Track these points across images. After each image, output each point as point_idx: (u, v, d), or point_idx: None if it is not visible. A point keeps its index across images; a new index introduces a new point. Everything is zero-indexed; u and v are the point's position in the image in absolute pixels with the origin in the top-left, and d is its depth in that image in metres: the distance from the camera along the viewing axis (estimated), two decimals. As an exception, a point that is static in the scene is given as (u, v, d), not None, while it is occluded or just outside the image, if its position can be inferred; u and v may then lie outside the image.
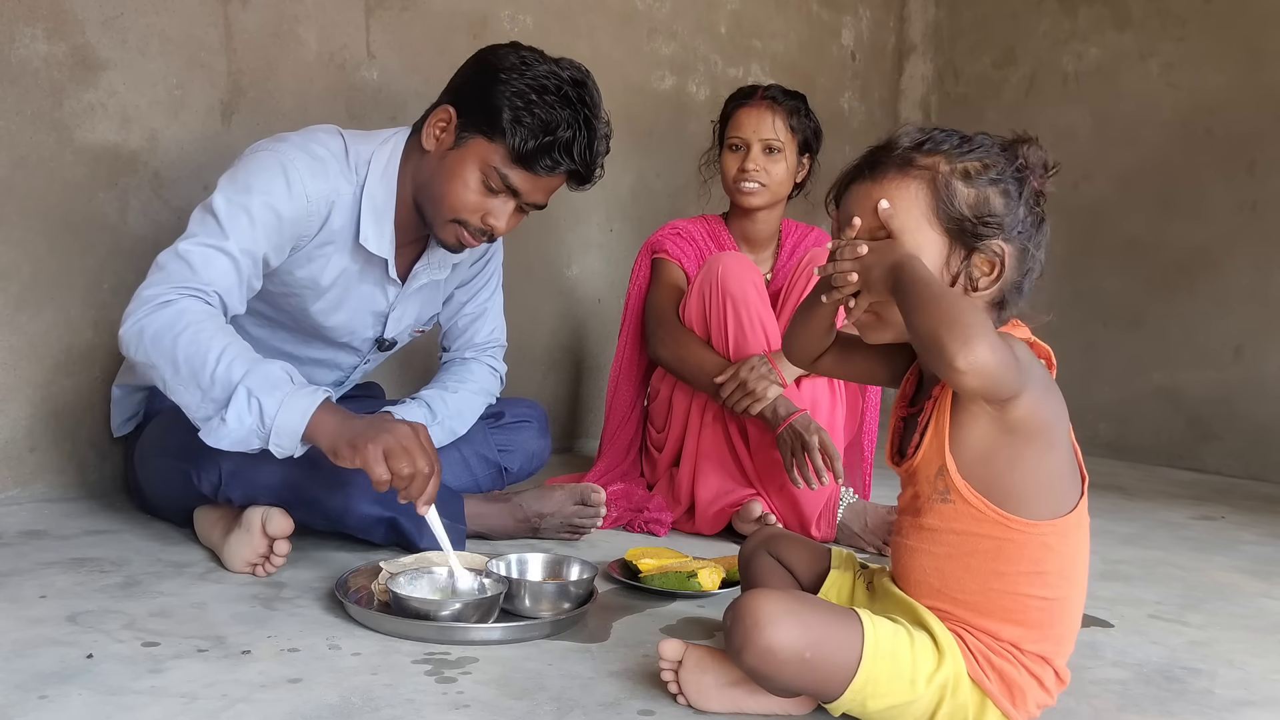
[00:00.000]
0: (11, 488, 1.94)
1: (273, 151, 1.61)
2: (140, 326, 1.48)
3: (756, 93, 2.22)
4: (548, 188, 1.68)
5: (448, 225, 1.68)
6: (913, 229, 1.10)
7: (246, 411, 1.43)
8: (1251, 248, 3.19)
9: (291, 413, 1.43)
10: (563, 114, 1.60)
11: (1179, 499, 2.76)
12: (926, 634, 1.09)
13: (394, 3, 2.42)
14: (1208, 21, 3.29)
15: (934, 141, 1.13)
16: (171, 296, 1.49)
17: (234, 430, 1.44)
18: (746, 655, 1.06)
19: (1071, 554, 1.09)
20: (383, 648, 1.30)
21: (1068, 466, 1.10)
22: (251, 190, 1.57)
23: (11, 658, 1.20)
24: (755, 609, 1.05)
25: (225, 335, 1.47)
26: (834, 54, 3.71)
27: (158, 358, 1.47)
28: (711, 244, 2.30)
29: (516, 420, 2.04)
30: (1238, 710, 1.27)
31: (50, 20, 1.91)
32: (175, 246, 1.54)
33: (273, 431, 1.43)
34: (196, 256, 1.53)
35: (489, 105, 1.60)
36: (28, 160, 1.90)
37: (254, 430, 1.44)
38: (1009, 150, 1.13)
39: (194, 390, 1.45)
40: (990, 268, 1.11)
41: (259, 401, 1.43)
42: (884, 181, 1.13)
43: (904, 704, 1.07)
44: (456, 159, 1.64)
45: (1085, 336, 3.45)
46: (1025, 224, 1.11)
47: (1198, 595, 1.80)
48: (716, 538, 2.05)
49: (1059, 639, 1.10)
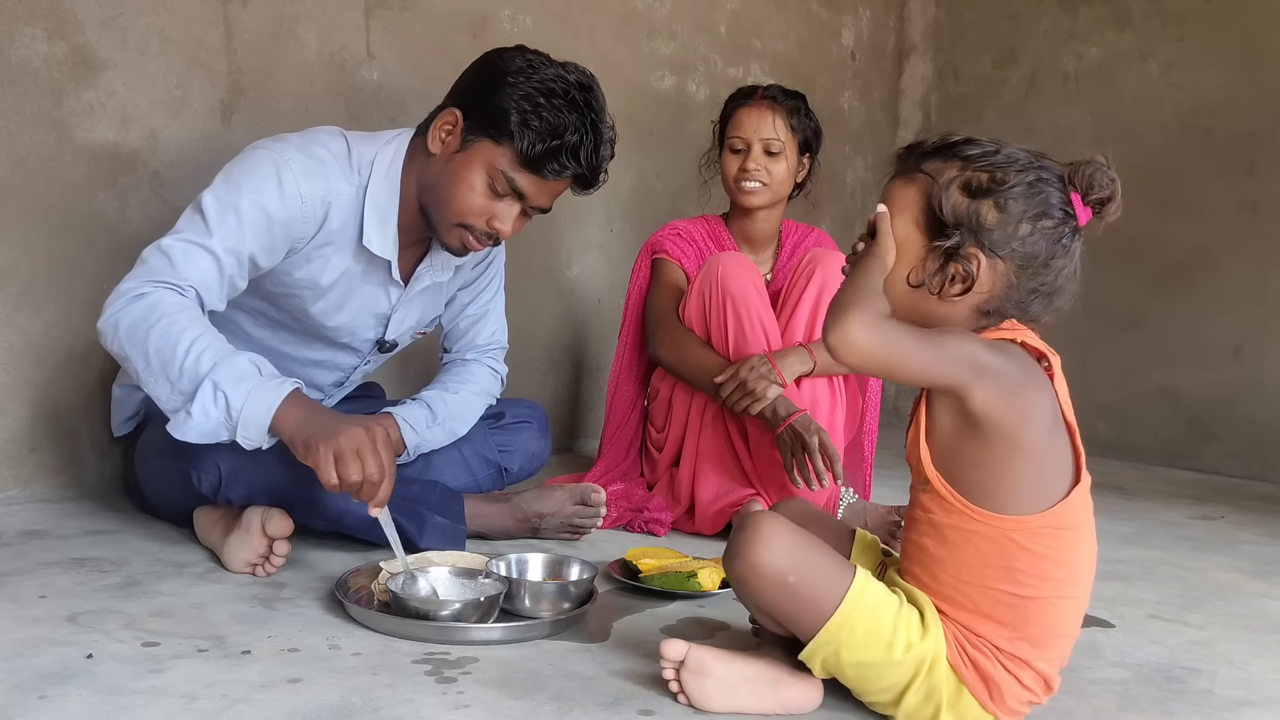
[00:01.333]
0: (11, 488, 1.93)
1: (269, 151, 1.61)
2: (116, 319, 1.49)
3: (757, 93, 2.22)
4: (553, 191, 1.68)
5: (453, 229, 1.67)
6: (900, 230, 1.13)
7: (212, 405, 1.44)
8: (1251, 248, 3.19)
9: (257, 406, 1.44)
10: (570, 118, 1.60)
11: (1179, 499, 2.76)
12: (918, 613, 1.11)
13: (394, 3, 2.42)
14: (1208, 21, 3.29)
15: (955, 148, 1.13)
16: (147, 290, 1.49)
17: (200, 423, 1.44)
18: (735, 564, 1.11)
19: (1048, 555, 1.09)
20: (383, 648, 1.30)
21: (1049, 463, 1.10)
22: (242, 189, 1.57)
23: (11, 658, 1.20)
24: (757, 525, 1.11)
25: (196, 327, 1.47)
26: (834, 54, 3.71)
27: (131, 349, 1.47)
28: (711, 244, 2.30)
29: (517, 421, 2.04)
30: (1238, 710, 1.27)
31: (50, 20, 1.90)
32: (159, 242, 1.55)
33: (239, 424, 1.44)
34: (178, 252, 1.53)
35: (496, 109, 1.60)
36: (28, 160, 1.90)
37: (221, 423, 1.45)
38: (1039, 167, 1.12)
39: (164, 382, 1.46)
40: (963, 278, 1.11)
41: (225, 395, 1.43)
42: (895, 182, 1.16)
43: (878, 664, 1.09)
44: (462, 162, 1.64)
45: (1085, 336, 3.46)
46: (1027, 242, 1.10)
47: (1198, 595, 1.80)
48: (716, 538, 2.05)
49: (1037, 640, 1.10)
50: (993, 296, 1.12)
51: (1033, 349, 1.12)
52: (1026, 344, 1.12)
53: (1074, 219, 1.13)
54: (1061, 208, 1.12)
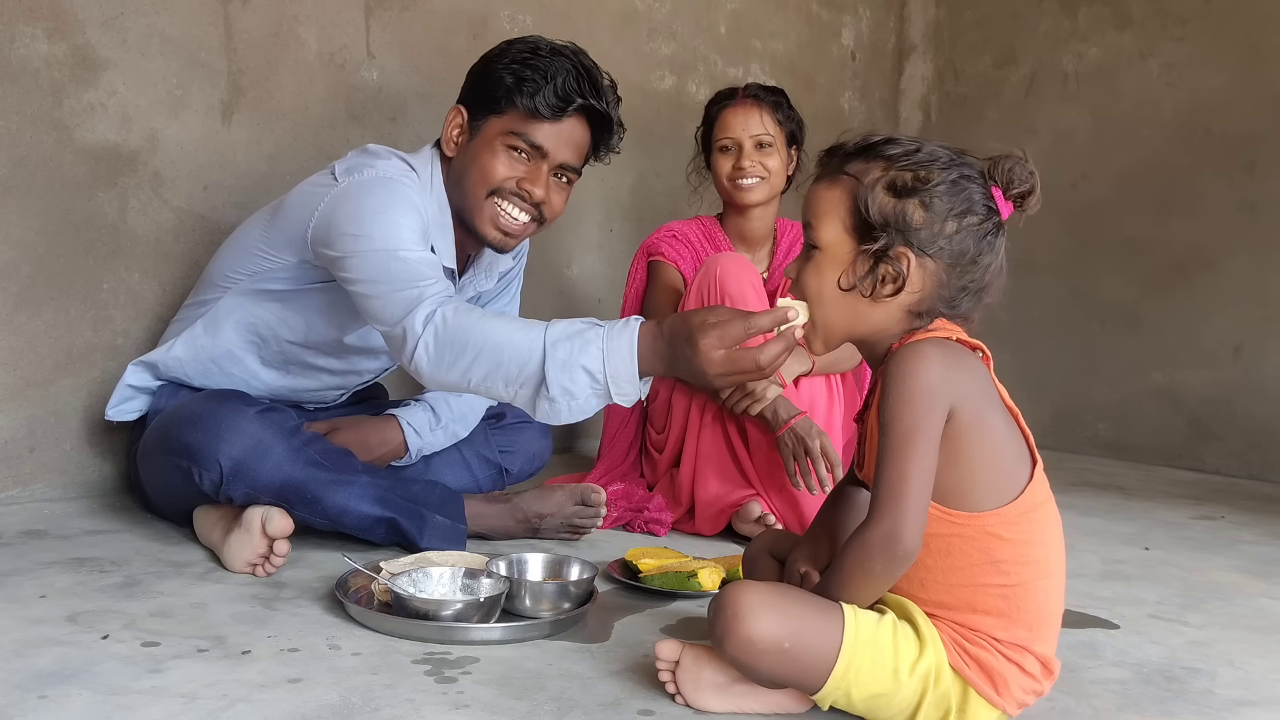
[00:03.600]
0: (11, 488, 1.94)
1: (375, 169, 1.62)
2: (428, 365, 1.46)
3: (738, 93, 2.26)
4: (571, 139, 1.69)
5: (484, 206, 1.69)
6: (829, 234, 1.15)
7: (572, 383, 1.38)
8: (1250, 248, 3.19)
9: (618, 361, 1.37)
10: (559, 62, 1.66)
11: (1179, 499, 2.76)
12: (910, 626, 1.11)
13: (394, 3, 2.42)
14: (1208, 21, 3.29)
15: (876, 149, 1.14)
16: (435, 316, 1.46)
17: (565, 407, 1.40)
18: (728, 645, 1.08)
19: (1025, 539, 1.09)
20: (383, 648, 1.30)
21: (1009, 451, 1.11)
22: (389, 212, 1.56)
23: (11, 658, 1.20)
24: (736, 600, 1.08)
25: (498, 327, 1.42)
26: (834, 54, 3.71)
27: (454, 383, 1.46)
28: (707, 245, 2.30)
29: (517, 421, 2.04)
30: (1238, 710, 1.27)
31: (50, 20, 1.91)
32: (379, 289, 1.51)
33: (609, 385, 1.38)
34: (398, 271, 1.50)
35: (490, 84, 1.66)
36: (28, 160, 1.90)
37: (591, 392, 1.39)
38: (960, 164, 1.13)
39: (504, 390, 1.42)
40: (894, 278, 1.12)
41: (581, 367, 1.37)
42: (819, 185, 1.17)
43: (888, 694, 1.08)
44: (478, 145, 1.69)
45: (1085, 336, 3.46)
46: (954, 240, 1.11)
47: (1198, 595, 1.80)
48: (716, 538, 2.05)
49: (1031, 624, 1.10)
50: (924, 296, 1.13)
51: (966, 344, 1.13)
52: (961, 340, 1.13)
53: (997, 214, 1.14)
54: (984, 203, 1.13)
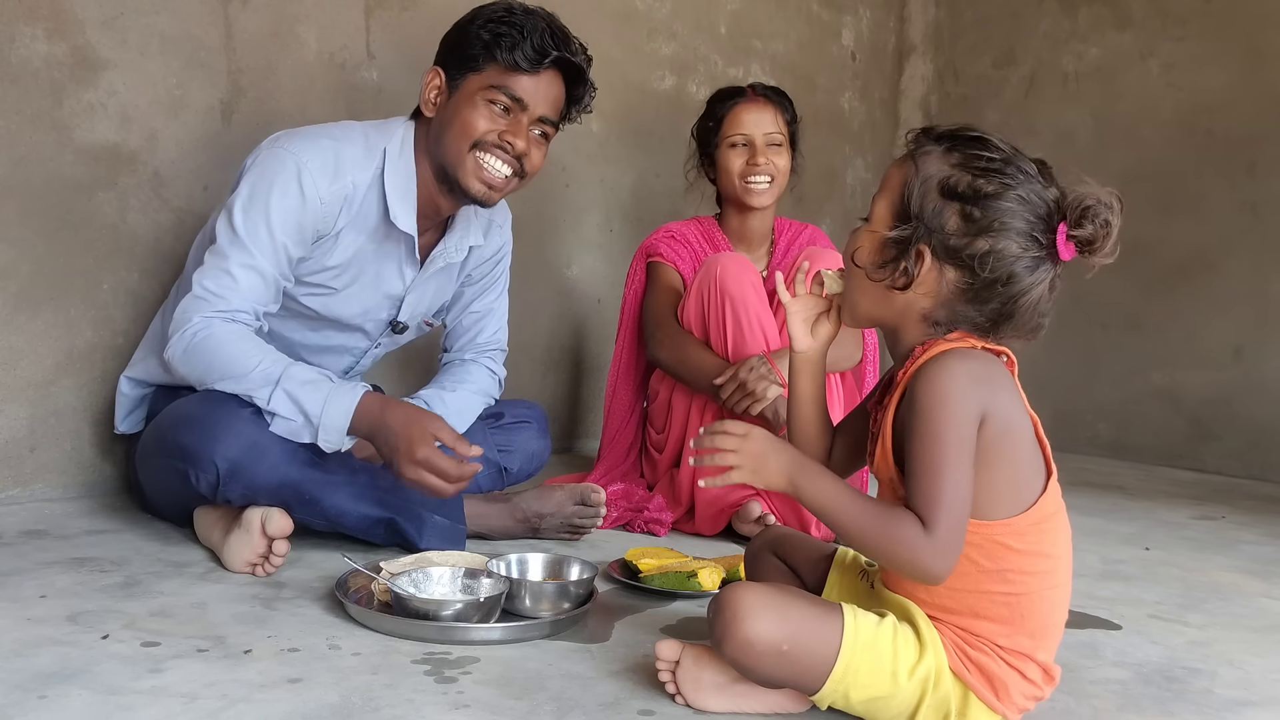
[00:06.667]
0: (11, 488, 1.93)
1: (288, 151, 1.69)
2: (183, 355, 1.62)
3: (746, 91, 2.25)
4: (549, 92, 1.75)
5: (466, 159, 1.73)
6: (879, 207, 1.15)
7: (290, 409, 1.58)
8: (1251, 248, 3.19)
9: (335, 411, 1.59)
10: (531, 19, 1.73)
11: (1179, 499, 2.76)
12: (911, 628, 1.10)
13: (394, 3, 2.42)
14: (1208, 21, 3.29)
15: (959, 144, 1.10)
16: (201, 325, 1.61)
17: (282, 425, 1.59)
18: (726, 647, 1.08)
19: (1034, 550, 1.08)
20: (383, 648, 1.30)
21: (1027, 463, 1.09)
22: (270, 200, 1.66)
23: (11, 658, 1.20)
24: (735, 602, 1.08)
25: (256, 350, 1.62)
26: (834, 54, 3.71)
27: (202, 378, 1.63)
28: (706, 245, 2.30)
29: (516, 421, 2.04)
30: (1238, 710, 1.27)
31: (50, 20, 1.90)
32: (204, 269, 1.66)
33: (320, 428, 1.59)
34: (225, 280, 1.64)
35: (465, 43, 1.73)
36: (28, 160, 1.90)
37: (302, 426, 1.59)
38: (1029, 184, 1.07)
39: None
40: (904, 272, 1.10)
41: (297, 401, 1.59)
42: (898, 160, 1.16)
43: (886, 696, 1.08)
44: (458, 101, 1.74)
45: (1085, 337, 3.45)
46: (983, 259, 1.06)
47: (1198, 595, 1.80)
48: (716, 538, 2.05)
49: (1034, 633, 1.09)
50: (938, 304, 1.11)
51: (991, 350, 1.11)
52: (986, 347, 1.11)
53: (1046, 249, 1.08)
54: (1032, 234, 1.07)
